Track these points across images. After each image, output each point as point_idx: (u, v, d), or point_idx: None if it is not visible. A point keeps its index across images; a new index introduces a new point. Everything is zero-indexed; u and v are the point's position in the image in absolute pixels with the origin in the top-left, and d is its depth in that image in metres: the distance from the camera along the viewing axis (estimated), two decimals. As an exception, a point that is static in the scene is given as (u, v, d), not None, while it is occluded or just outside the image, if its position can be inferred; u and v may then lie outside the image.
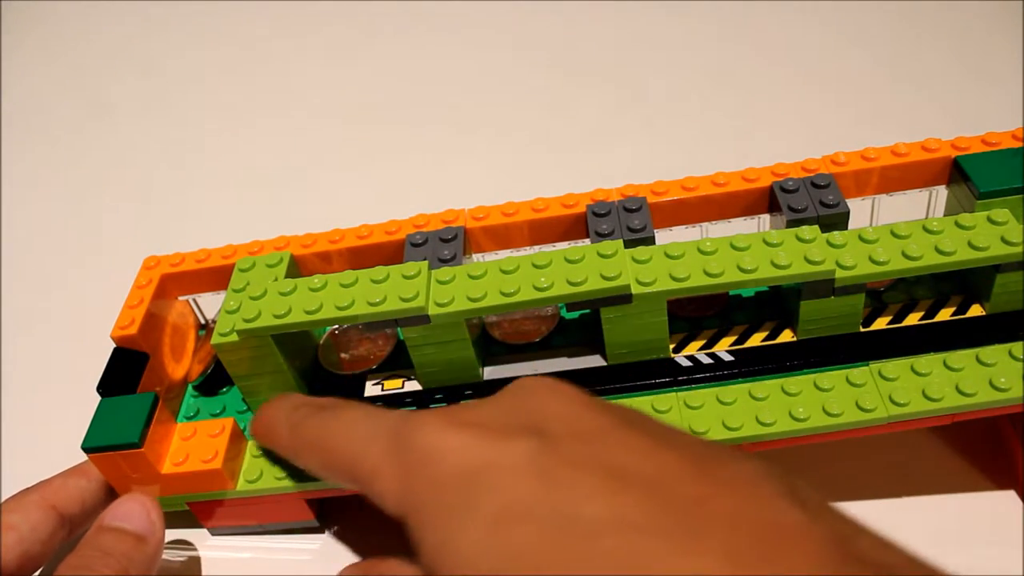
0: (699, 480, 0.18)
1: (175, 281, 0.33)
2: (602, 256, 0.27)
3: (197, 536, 0.32)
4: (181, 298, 0.34)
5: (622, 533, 0.17)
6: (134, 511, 0.27)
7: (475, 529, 0.18)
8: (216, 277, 0.33)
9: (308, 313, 0.28)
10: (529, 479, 0.18)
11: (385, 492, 0.21)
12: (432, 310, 0.27)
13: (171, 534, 0.32)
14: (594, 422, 0.20)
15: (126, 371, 0.31)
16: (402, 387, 0.30)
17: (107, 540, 0.26)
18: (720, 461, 0.19)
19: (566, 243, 0.32)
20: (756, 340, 0.29)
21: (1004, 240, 0.26)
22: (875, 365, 0.27)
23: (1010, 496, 0.29)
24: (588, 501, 0.18)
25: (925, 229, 0.27)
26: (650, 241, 0.29)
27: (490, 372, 0.30)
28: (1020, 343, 0.27)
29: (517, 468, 0.19)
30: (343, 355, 0.32)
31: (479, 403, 0.22)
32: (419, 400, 0.29)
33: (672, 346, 0.29)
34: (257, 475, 0.29)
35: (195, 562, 0.32)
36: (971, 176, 0.29)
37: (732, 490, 0.18)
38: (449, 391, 0.29)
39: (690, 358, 0.29)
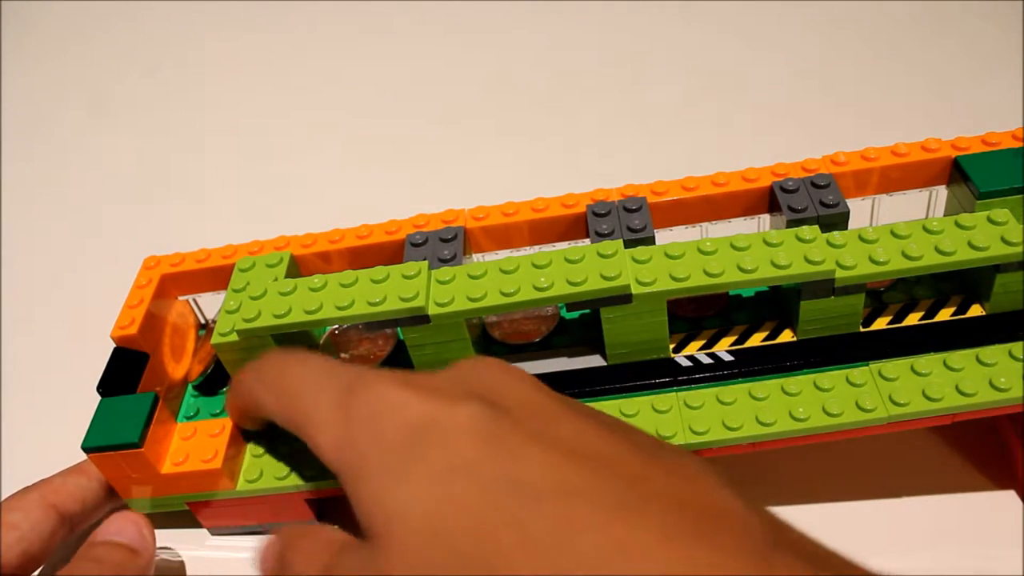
0: (644, 463, 0.18)
1: (175, 281, 0.33)
2: (602, 256, 0.27)
3: (197, 536, 0.32)
4: (181, 298, 0.34)
5: (563, 499, 0.17)
6: (126, 527, 0.28)
7: (414, 482, 0.18)
8: (216, 277, 0.33)
9: (308, 313, 0.28)
10: (476, 441, 0.18)
11: (327, 443, 0.21)
12: (432, 310, 0.27)
13: (171, 534, 0.32)
14: (545, 402, 0.20)
15: (126, 371, 0.31)
16: (402, 387, 0.30)
17: (100, 551, 0.27)
18: (665, 451, 0.19)
19: (566, 243, 0.32)
20: (756, 340, 0.29)
21: (1004, 240, 0.26)
22: (875, 365, 0.27)
23: (1010, 496, 0.29)
24: (533, 467, 0.18)
25: (925, 229, 0.27)
26: (650, 241, 0.29)
27: (490, 372, 0.30)
28: (1020, 343, 0.27)
29: (466, 429, 0.19)
30: (343, 355, 0.32)
31: (433, 373, 0.22)
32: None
33: (672, 346, 0.29)
34: (257, 475, 0.29)
35: (195, 562, 0.32)
36: (971, 176, 0.29)
37: (675, 475, 0.18)
38: (449, 391, 0.29)
39: (690, 358, 0.29)
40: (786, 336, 0.29)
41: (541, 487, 0.17)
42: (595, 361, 0.29)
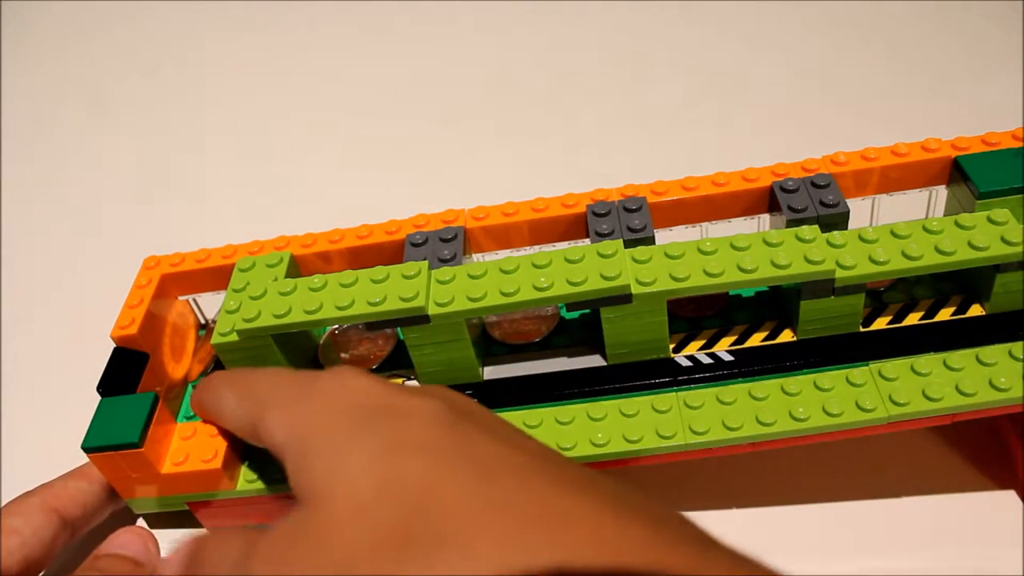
0: (586, 471, 0.19)
1: (175, 281, 0.33)
2: (602, 256, 0.27)
3: (197, 536, 0.32)
4: (181, 298, 0.34)
5: (515, 474, 0.17)
6: (132, 540, 0.28)
7: (366, 451, 0.18)
8: (216, 277, 0.33)
9: (308, 313, 0.28)
10: (432, 424, 0.19)
11: (279, 419, 0.21)
12: (432, 310, 0.27)
13: (171, 534, 0.32)
14: (498, 417, 0.21)
15: (126, 371, 0.31)
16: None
17: (104, 563, 0.27)
18: (597, 479, 0.20)
19: (566, 243, 0.32)
20: (756, 340, 0.29)
21: (1004, 240, 0.26)
22: (875, 365, 0.27)
23: (1010, 496, 0.29)
24: (486, 449, 0.18)
25: (925, 229, 0.27)
26: (650, 241, 0.29)
27: (490, 372, 0.30)
28: (1020, 343, 0.27)
29: (422, 414, 0.19)
30: (343, 355, 0.32)
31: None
32: (419, 400, 0.29)
33: (672, 346, 0.29)
34: (257, 475, 0.29)
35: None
36: (971, 176, 0.29)
37: (617, 483, 0.19)
38: (449, 391, 0.29)
39: (690, 358, 0.29)
40: (786, 336, 0.29)
41: (493, 464, 0.18)
42: (595, 361, 0.29)
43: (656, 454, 0.27)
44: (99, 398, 0.29)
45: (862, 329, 0.28)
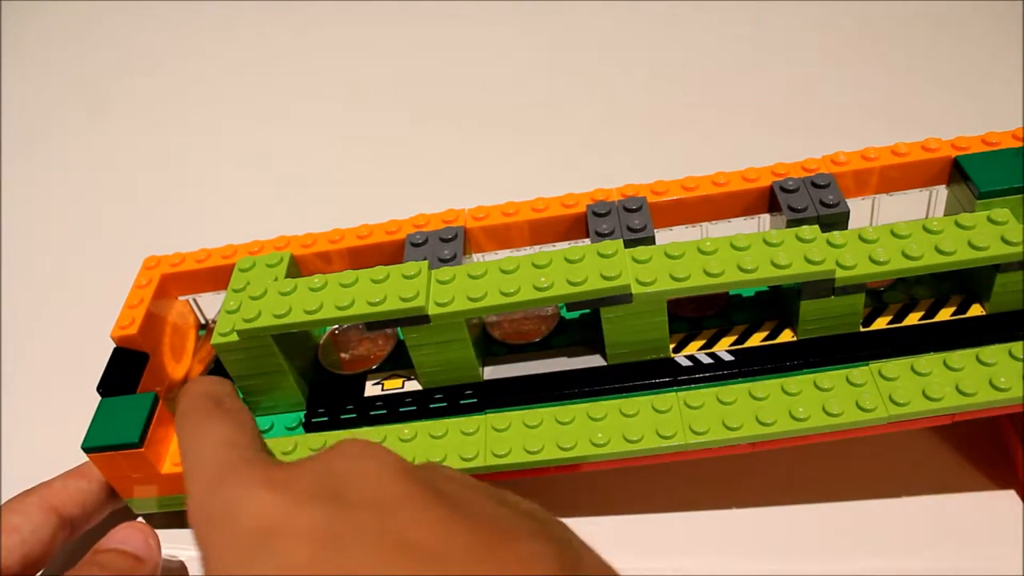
0: (480, 557, 0.19)
1: (175, 281, 0.33)
2: (602, 256, 0.27)
3: (197, 536, 0.32)
4: (181, 298, 0.34)
5: None
6: (133, 536, 0.28)
7: None
8: (216, 277, 0.33)
9: (308, 313, 0.28)
10: (312, 545, 0.19)
11: (192, 521, 0.22)
12: (432, 310, 0.27)
13: (171, 534, 0.32)
14: (396, 491, 0.21)
15: (126, 371, 0.31)
16: (402, 387, 0.30)
17: (105, 558, 0.27)
18: (512, 537, 0.19)
19: (566, 243, 0.32)
20: (756, 340, 0.29)
21: (1004, 240, 0.26)
22: (875, 365, 0.27)
23: (1010, 496, 0.29)
24: (363, 569, 0.18)
25: (925, 229, 0.27)
26: (650, 241, 0.29)
27: (490, 372, 0.30)
28: (1020, 343, 0.27)
29: (304, 534, 0.19)
30: (343, 355, 0.32)
31: (301, 462, 0.22)
32: (419, 400, 0.29)
33: (672, 346, 0.29)
34: (257, 475, 0.29)
35: (195, 562, 0.32)
36: (971, 176, 0.29)
37: (512, 566, 0.18)
38: (449, 391, 0.29)
39: (690, 358, 0.29)
40: (786, 336, 0.29)
41: None
42: (595, 361, 0.29)
43: (656, 454, 0.27)
44: (99, 398, 0.29)
45: (862, 329, 0.28)
